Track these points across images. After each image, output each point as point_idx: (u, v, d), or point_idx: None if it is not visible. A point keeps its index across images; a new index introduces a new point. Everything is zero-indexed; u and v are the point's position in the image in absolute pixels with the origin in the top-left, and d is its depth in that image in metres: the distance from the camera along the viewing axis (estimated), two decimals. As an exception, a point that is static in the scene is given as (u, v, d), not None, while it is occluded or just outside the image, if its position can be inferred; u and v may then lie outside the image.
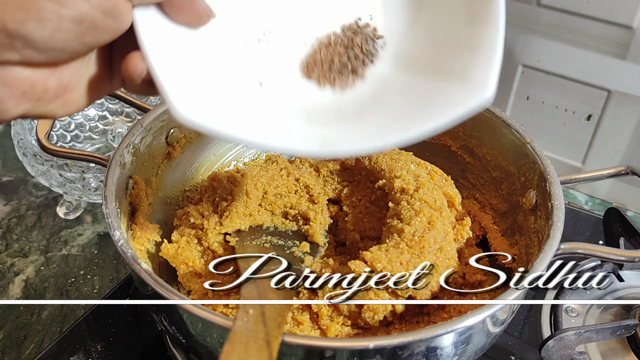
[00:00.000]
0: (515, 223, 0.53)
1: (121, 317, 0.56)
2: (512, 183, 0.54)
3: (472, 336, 0.39)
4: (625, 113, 0.71)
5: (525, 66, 0.76)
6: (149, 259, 0.49)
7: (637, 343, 0.53)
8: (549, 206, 0.45)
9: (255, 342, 0.32)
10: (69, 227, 0.71)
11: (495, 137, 0.56)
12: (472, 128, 0.58)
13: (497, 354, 0.54)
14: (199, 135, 0.59)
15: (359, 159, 0.57)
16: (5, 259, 0.67)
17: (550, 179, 0.47)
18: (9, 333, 0.58)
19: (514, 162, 0.54)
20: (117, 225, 0.41)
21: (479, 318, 0.36)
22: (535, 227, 0.48)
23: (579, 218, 0.72)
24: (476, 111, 0.30)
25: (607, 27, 0.68)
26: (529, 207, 0.51)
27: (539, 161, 0.50)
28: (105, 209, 0.43)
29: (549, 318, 0.57)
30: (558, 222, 0.43)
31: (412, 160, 0.56)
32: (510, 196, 0.55)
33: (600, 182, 0.78)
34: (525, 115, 0.79)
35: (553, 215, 0.44)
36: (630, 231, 0.57)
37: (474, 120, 0.57)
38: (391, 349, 0.35)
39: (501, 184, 0.56)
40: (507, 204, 0.55)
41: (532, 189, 0.50)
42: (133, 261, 0.39)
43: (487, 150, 0.57)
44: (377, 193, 0.55)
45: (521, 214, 0.52)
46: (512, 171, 0.54)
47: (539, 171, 0.49)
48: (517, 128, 0.53)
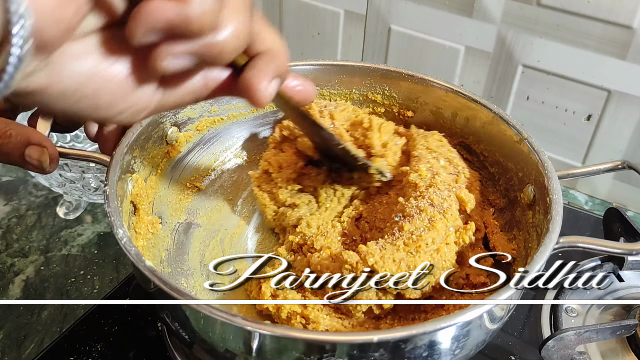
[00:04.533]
0: (514, 218, 0.53)
1: (121, 317, 0.56)
2: (509, 178, 0.55)
3: (471, 331, 0.39)
4: (625, 113, 0.71)
5: (525, 66, 0.76)
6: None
7: (637, 343, 0.53)
8: (547, 201, 0.45)
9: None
10: (69, 227, 0.71)
11: (492, 133, 0.56)
12: (468, 124, 0.58)
13: (497, 354, 0.54)
14: (198, 134, 0.60)
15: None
16: (5, 259, 0.67)
17: (548, 174, 0.47)
18: (9, 333, 0.58)
19: (511, 158, 0.54)
20: (119, 223, 0.41)
21: (479, 312, 0.36)
22: (534, 221, 0.48)
23: (579, 218, 0.72)
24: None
25: (607, 27, 0.68)
26: (527, 202, 0.51)
27: (536, 156, 0.49)
28: (107, 208, 0.43)
29: (549, 318, 0.57)
30: (557, 216, 0.43)
31: (447, 156, 0.55)
32: (508, 191, 0.55)
33: (600, 182, 0.78)
34: (525, 115, 0.79)
35: (552, 209, 0.44)
36: (630, 231, 0.57)
37: (471, 116, 0.57)
38: (394, 343, 0.35)
39: (499, 180, 0.56)
40: (505, 199, 0.55)
41: (530, 184, 0.50)
42: (137, 259, 0.39)
43: (484, 147, 0.57)
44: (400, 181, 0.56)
45: (519, 209, 0.52)
46: (509, 167, 0.54)
47: (537, 166, 0.49)
48: (514, 124, 0.53)
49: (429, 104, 0.60)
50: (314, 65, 0.62)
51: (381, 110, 0.63)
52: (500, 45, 0.76)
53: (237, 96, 0.33)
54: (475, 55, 0.79)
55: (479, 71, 0.80)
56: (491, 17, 0.75)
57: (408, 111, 0.62)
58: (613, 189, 0.78)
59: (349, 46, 0.91)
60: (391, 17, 0.83)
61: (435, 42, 0.81)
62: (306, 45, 0.96)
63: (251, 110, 0.63)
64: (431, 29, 0.81)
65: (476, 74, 0.80)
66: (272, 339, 0.35)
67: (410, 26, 0.82)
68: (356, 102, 0.64)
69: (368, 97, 0.63)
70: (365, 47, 0.89)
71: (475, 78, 0.81)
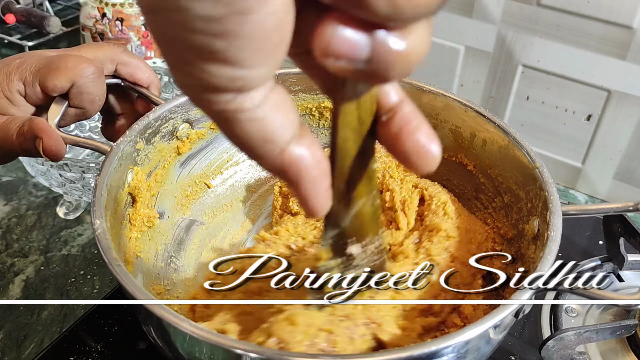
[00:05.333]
0: (519, 251, 0.51)
1: (121, 317, 0.56)
2: (520, 209, 0.53)
3: (471, 347, 0.39)
4: (625, 113, 0.71)
5: (525, 66, 0.76)
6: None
7: (637, 343, 0.53)
8: (545, 237, 0.43)
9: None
10: (69, 227, 0.71)
11: (507, 159, 0.54)
12: (486, 147, 0.57)
13: (497, 354, 0.54)
14: (212, 132, 0.59)
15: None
16: (5, 259, 0.67)
17: (552, 208, 0.45)
18: (9, 333, 0.58)
19: (523, 187, 0.52)
20: (99, 213, 0.41)
21: (483, 328, 0.35)
22: (534, 257, 0.46)
23: (579, 218, 0.72)
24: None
25: (607, 27, 0.68)
26: (531, 236, 0.49)
27: (545, 188, 0.47)
28: (92, 197, 0.42)
29: (548, 318, 0.57)
30: (549, 255, 0.41)
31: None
32: (518, 222, 0.53)
33: (600, 182, 0.78)
34: (525, 115, 0.79)
35: (545, 247, 0.42)
36: (630, 231, 0.57)
37: (488, 139, 0.56)
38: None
39: (512, 210, 0.54)
40: (515, 230, 0.53)
41: (536, 217, 0.48)
42: (106, 251, 0.38)
43: (499, 172, 0.56)
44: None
45: (525, 242, 0.50)
46: (521, 196, 0.52)
47: (544, 198, 0.47)
48: (528, 150, 0.51)
49: (448, 121, 0.59)
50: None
51: None
52: (500, 45, 0.76)
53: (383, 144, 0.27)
54: (475, 55, 0.79)
55: (479, 71, 0.80)
56: (491, 17, 0.75)
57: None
58: (613, 189, 0.78)
59: (349, 46, 0.91)
60: (391, 17, 0.83)
61: (435, 42, 0.81)
62: (306, 45, 0.96)
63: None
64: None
65: (476, 74, 0.80)
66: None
67: (410, 26, 0.82)
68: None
69: None
70: (365, 47, 0.89)
71: (475, 78, 0.81)
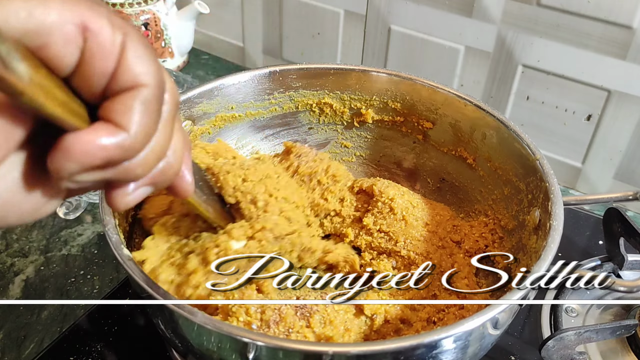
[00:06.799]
0: (520, 241, 0.52)
1: (121, 317, 0.56)
2: (520, 200, 0.53)
3: (471, 340, 0.39)
4: (625, 113, 0.72)
5: (525, 66, 0.76)
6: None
7: (637, 343, 0.53)
8: (547, 226, 0.44)
9: None
10: (69, 227, 0.71)
11: (507, 151, 0.55)
12: (486, 140, 0.58)
13: (497, 354, 0.54)
14: (215, 128, 0.60)
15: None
16: (5, 259, 0.66)
17: (554, 199, 0.46)
18: (9, 333, 0.58)
19: (523, 178, 0.53)
20: (108, 210, 0.43)
21: (480, 321, 0.36)
22: (536, 247, 0.47)
23: (579, 218, 0.72)
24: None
25: (607, 27, 0.68)
26: (532, 227, 0.50)
27: (545, 179, 0.48)
28: (100, 194, 0.44)
29: (549, 318, 0.57)
30: (552, 244, 0.42)
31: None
32: (518, 214, 0.54)
33: (600, 182, 0.78)
34: (525, 115, 0.79)
35: (549, 236, 0.43)
36: (630, 231, 0.57)
37: (488, 132, 0.57)
38: (396, 352, 0.35)
39: (512, 201, 0.55)
40: (515, 221, 0.54)
41: (537, 208, 0.49)
42: (116, 246, 0.40)
43: (499, 164, 0.57)
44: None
45: (526, 233, 0.51)
46: (521, 188, 0.53)
47: (545, 189, 0.48)
48: (528, 143, 0.52)
49: (448, 116, 0.60)
50: (335, 69, 0.62)
51: (400, 120, 0.63)
52: (500, 45, 0.76)
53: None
54: (475, 55, 0.79)
55: (479, 71, 0.80)
56: (491, 17, 0.75)
57: (427, 122, 0.62)
58: (613, 189, 0.78)
59: (349, 46, 0.91)
60: (391, 17, 0.83)
61: (435, 42, 0.81)
62: (306, 45, 0.96)
63: (270, 110, 0.64)
64: (431, 29, 0.81)
65: (476, 74, 0.80)
66: (269, 350, 0.35)
67: (410, 26, 0.82)
68: (376, 109, 0.64)
69: (388, 105, 0.63)
70: (365, 47, 0.89)
71: (475, 78, 0.81)
